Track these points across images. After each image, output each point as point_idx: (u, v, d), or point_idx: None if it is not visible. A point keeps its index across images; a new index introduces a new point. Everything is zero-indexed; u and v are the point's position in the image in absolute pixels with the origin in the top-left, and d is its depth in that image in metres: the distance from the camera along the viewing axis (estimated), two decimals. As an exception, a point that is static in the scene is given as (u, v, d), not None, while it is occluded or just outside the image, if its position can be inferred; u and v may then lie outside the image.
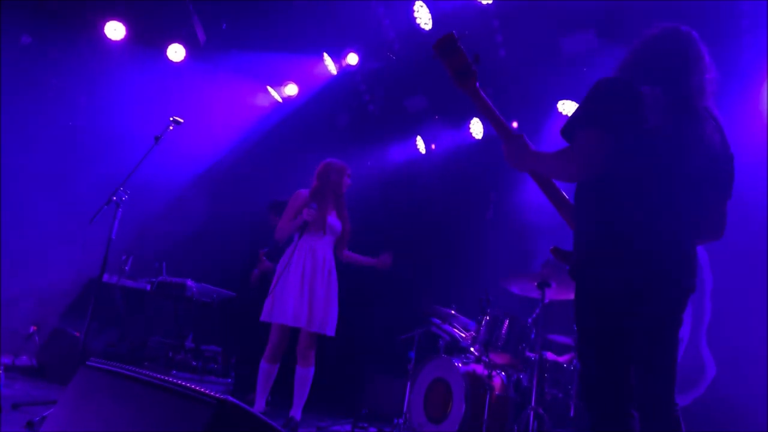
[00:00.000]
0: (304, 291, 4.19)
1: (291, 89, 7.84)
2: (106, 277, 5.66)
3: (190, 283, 5.74)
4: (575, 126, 2.14)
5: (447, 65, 2.34)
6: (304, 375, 4.26)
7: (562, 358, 4.83)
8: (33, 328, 5.82)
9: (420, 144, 7.96)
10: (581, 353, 2.15)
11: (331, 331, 4.29)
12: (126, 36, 6.87)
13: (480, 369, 4.88)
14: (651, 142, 2.09)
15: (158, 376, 1.62)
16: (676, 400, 2.17)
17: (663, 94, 2.13)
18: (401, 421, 5.13)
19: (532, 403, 4.25)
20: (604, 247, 2.08)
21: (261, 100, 7.90)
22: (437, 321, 5.42)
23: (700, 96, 2.22)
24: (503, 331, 4.71)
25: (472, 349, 5.03)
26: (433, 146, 7.95)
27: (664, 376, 2.17)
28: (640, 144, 2.08)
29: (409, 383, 5.27)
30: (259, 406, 4.24)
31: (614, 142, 2.07)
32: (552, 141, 5.97)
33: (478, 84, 2.35)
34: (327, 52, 7.19)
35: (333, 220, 4.44)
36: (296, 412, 4.23)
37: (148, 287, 6.09)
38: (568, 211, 2.39)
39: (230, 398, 1.34)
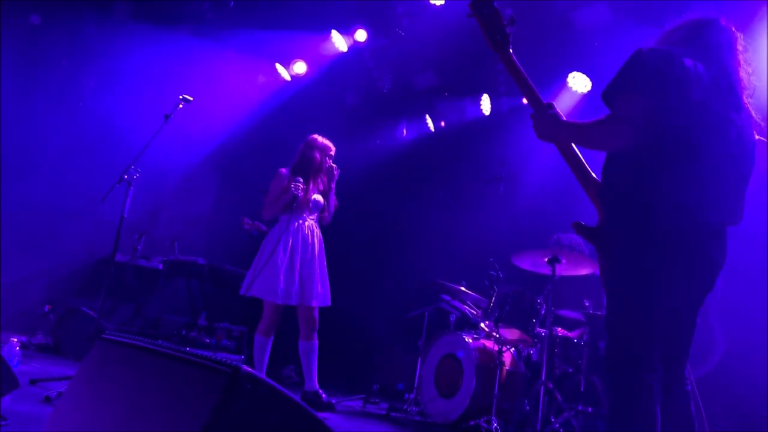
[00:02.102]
0: (294, 269, 4.27)
1: (300, 67, 7.79)
2: (119, 257, 5.72)
3: (201, 261, 5.78)
4: (615, 92, 2.11)
5: (481, 25, 2.29)
6: (308, 348, 4.35)
7: (573, 334, 4.84)
8: (48, 307, 5.90)
9: (429, 122, 7.93)
10: (611, 325, 2.12)
11: (328, 301, 4.45)
12: (134, 15, 6.85)
13: (490, 344, 4.90)
14: (695, 116, 2.05)
15: (173, 347, 1.64)
16: (687, 375, 2.17)
17: (706, 72, 2.10)
18: (412, 396, 5.18)
19: (543, 378, 4.27)
20: (644, 223, 2.05)
21: (270, 79, 7.86)
22: (447, 297, 5.44)
23: (743, 88, 2.21)
24: (513, 307, 4.72)
25: (482, 324, 5.05)
26: (442, 123, 7.91)
27: (680, 352, 2.17)
28: (683, 115, 2.04)
29: (420, 359, 5.31)
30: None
31: (656, 110, 2.03)
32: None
33: (511, 49, 2.31)
34: (335, 29, 7.14)
35: (316, 196, 4.50)
36: (312, 384, 4.31)
37: (161, 266, 6.14)
38: (593, 187, 2.31)
39: (244, 366, 1.35)
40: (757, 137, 2.27)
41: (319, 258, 4.40)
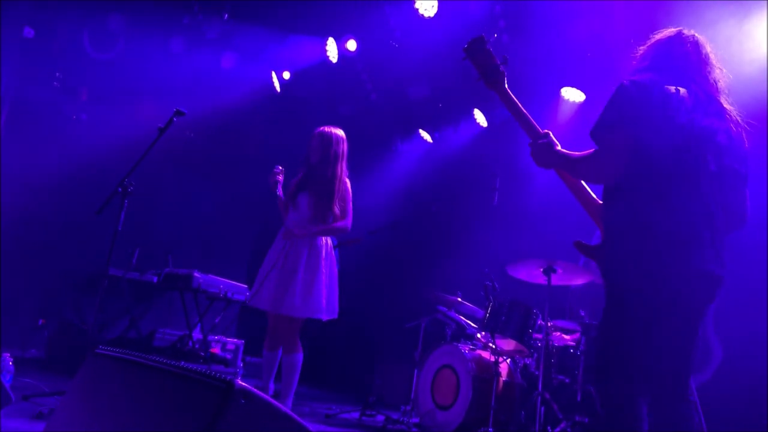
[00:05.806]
0: (272, 274, 3.98)
1: (291, 76, 7.85)
2: (113, 270, 5.70)
3: (197, 274, 5.76)
4: (600, 127, 2.18)
5: (476, 66, 2.44)
6: (288, 362, 4.00)
7: (570, 337, 4.85)
8: (41, 321, 5.86)
9: (424, 134, 7.96)
10: (602, 342, 2.19)
11: (320, 314, 3.97)
12: (128, 27, 6.87)
13: (487, 355, 4.89)
14: (681, 139, 2.12)
15: (166, 361, 1.62)
16: (691, 391, 2.18)
17: (687, 94, 2.17)
18: (409, 408, 5.16)
19: (539, 389, 4.26)
20: (636, 246, 2.10)
21: (265, 89, 7.89)
22: (443, 309, 5.43)
23: (719, 92, 2.29)
24: (509, 318, 4.72)
25: (478, 335, 5.04)
26: (437, 135, 7.95)
27: (680, 367, 2.18)
28: (667, 143, 2.11)
29: (416, 370, 5.29)
30: (267, 391, 4.18)
31: (641, 141, 2.10)
32: (555, 127, 5.94)
33: (506, 85, 2.44)
34: (328, 40, 7.17)
35: (302, 197, 4.18)
36: (286, 402, 4.00)
37: (155, 279, 6.11)
38: (593, 208, 2.43)
39: (238, 381, 1.34)
40: (740, 128, 2.32)
41: (306, 264, 4.00)
